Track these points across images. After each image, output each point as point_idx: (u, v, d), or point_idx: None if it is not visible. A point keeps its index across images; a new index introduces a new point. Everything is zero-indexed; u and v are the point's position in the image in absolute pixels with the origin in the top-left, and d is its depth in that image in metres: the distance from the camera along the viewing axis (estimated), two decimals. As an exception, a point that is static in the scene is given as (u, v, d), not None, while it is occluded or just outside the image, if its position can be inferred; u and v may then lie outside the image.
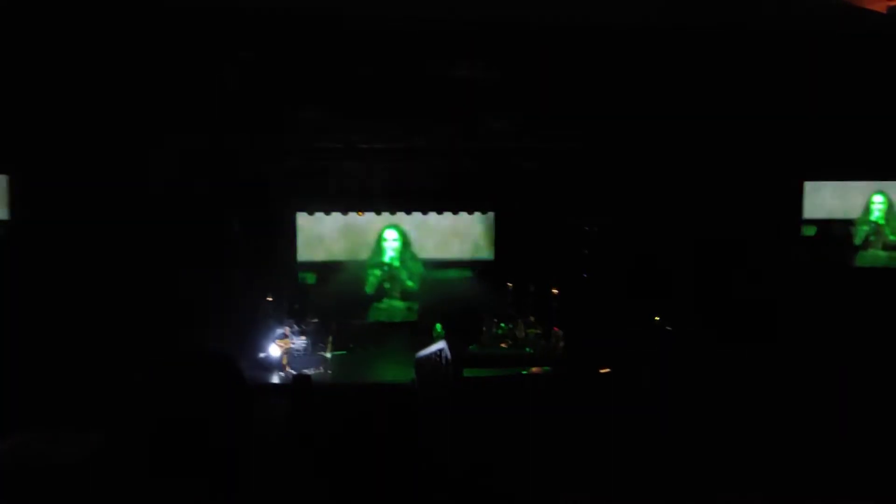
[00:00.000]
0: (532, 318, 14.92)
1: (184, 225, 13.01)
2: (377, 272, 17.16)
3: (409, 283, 16.81)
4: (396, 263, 16.92)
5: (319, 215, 15.78)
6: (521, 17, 11.16)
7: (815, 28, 11.00)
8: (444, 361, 9.53)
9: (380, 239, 17.20)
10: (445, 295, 16.46)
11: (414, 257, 16.95)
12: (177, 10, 10.40)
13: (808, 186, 14.72)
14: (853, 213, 14.85)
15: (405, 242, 16.82)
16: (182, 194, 13.04)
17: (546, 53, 12.13)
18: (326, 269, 16.01)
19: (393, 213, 16.08)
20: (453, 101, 12.68)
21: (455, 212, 16.47)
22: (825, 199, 14.90)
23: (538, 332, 14.52)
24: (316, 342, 14.23)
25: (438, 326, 15.54)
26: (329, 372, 13.28)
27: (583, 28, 11.49)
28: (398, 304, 16.72)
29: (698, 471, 6.67)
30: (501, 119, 13.66)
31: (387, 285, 16.63)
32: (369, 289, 16.69)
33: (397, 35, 11.47)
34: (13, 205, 12.96)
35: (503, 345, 14.90)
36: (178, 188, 13.02)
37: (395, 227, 16.98)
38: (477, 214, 16.48)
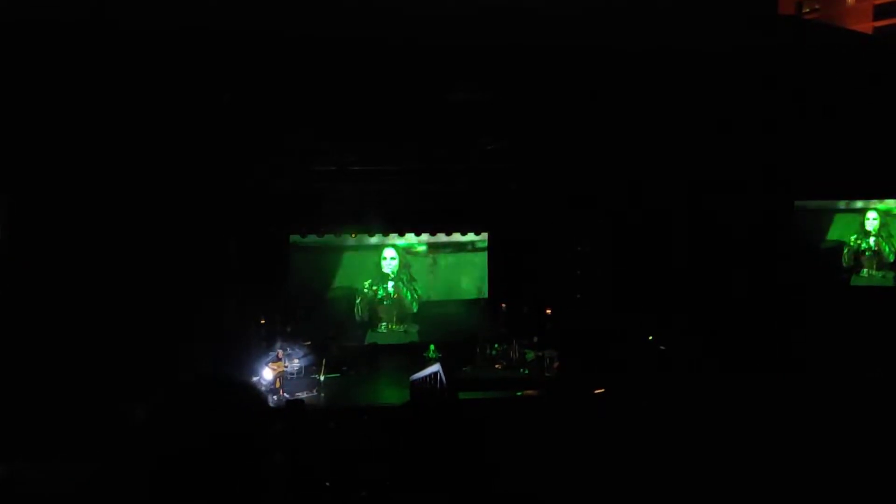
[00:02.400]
0: (536, 339, 14.93)
1: (177, 249, 12.95)
2: (379, 291, 17.25)
3: (415, 306, 16.83)
4: (401, 286, 16.96)
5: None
6: (512, 40, 11.25)
7: (802, 48, 11.13)
8: (438, 384, 9.48)
9: (379, 258, 17.36)
10: (442, 317, 16.52)
11: (412, 278, 17.01)
12: (170, 32, 10.43)
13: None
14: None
15: (402, 262, 16.91)
16: (175, 218, 13.00)
17: (537, 76, 12.21)
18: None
19: (386, 234, 16.12)
20: (445, 124, 12.73)
21: (448, 233, 16.54)
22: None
23: (538, 354, 14.49)
24: (309, 365, 14.20)
25: (432, 349, 15.56)
26: (322, 395, 13.23)
27: (575, 50, 11.58)
28: (395, 327, 16.74)
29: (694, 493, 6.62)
30: (493, 141, 13.72)
31: (378, 314, 16.63)
32: (360, 311, 16.72)
33: (390, 59, 11.54)
34: (7, 226, 12.90)
35: (497, 366, 14.91)
36: (170, 212, 12.97)
37: (394, 245, 17.08)
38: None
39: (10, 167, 12.37)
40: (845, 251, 14.99)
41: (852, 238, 15.06)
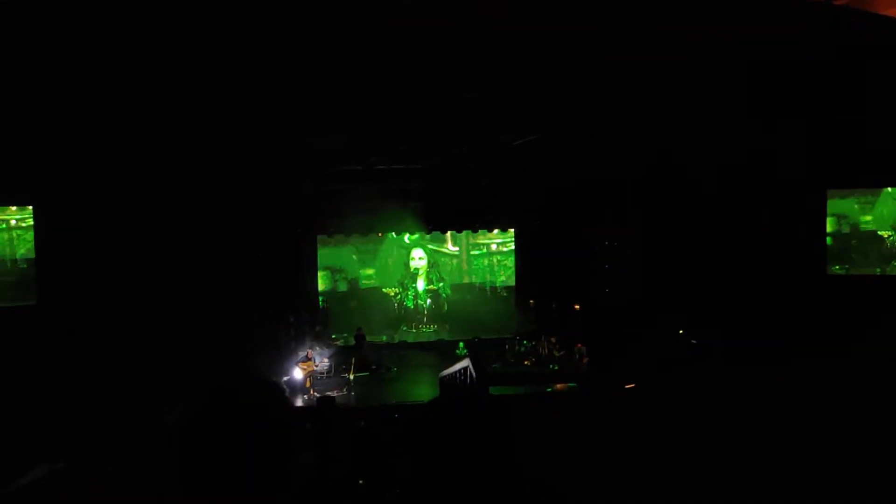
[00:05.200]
0: (553, 339, 14.88)
1: (205, 252, 13.08)
2: (408, 294, 17.33)
3: (445, 307, 16.89)
4: (425, 283, 17.07)
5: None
6: (533, 34, 11.16)
7: (833, 35, 10.91)
8: (468, 380, 9.49)
9: (407, 257, 17.45)
10: (471, 314, 16.55)
11: (441, 278, 17.07)
12: (192, 34, 10.49)
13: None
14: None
15: (431, 262, 16.99)
16: (202, 221, 13.12)
17: (561, 69, 12.12)
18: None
19: (413, 233, 16.19)
20: (469, 121, 12.71)
21: (475, 230, 16.56)
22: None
23: (562, 352, 14.48)
24: (338, 364, 14.28)
25: (461, 346, 15.58)
26: (352, 394, 13.29)
27: (595, 43, 11.47)
28: (425, 328, 16.84)
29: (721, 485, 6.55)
30: (518, 136, 13.67)
31: (408, 314, 16.74)
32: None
33: (412, 57, 11.53)
34: (38, 235, 13.16)
35: (526, 362, 14.87)
36: (198, 215, 13.10)
37: (422, 246, 17.18)
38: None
39: (45, 176, 12.58)
40: (885, 239, 14.63)
41: (889, 227, 14.70)
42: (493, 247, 17.15)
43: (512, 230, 16.67)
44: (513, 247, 16.85)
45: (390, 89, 11.64)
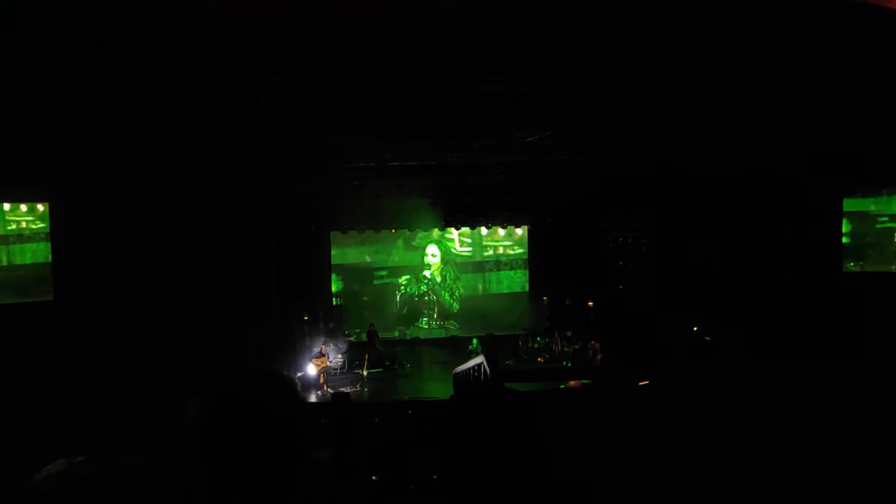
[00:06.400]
0: (569, 333, 14.87)
1: (218, 247, 13.13)
2: (421, 286, 17.31)
3: (455, 306, 16.86)
4: (437, 279, 17.02)
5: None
6: (549, 30, 11.09)
7: (843, 33, 10.79)
8: (482, 376, 9.48)
9: (422, 255, 17.42)
10: (484, 311, 16.54)
11: (455, 276, 17.05)
12: (206, 35, 10.51)
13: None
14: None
15: (445, 260, 16.97)
16: (215, 215, 13.17)
17: (574, 66, 12.05)
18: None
19: (426, 229, 16.18)
20: (483, 117, 12.66)
21: (488, 226, 16.53)
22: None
23: (576, 346, 14.47)
24: (352, 360, 14.32)
25: (475, 342, 15.59)
26: (365, 390, 13.34)
27: (613, 39, 11.38)
28: (435, 324, 16.86)
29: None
30: (532, 133, 13.60)
31: (419, 310, 16.73)
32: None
33: (426, 54, 11.50)
34: (54, 231, 13.26)
35: (540, 359, 14.87)
36: (212, 209, 13.16)
37: (437, 243, 17.16)
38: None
39: (61, 174, 12.67)
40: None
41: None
42: (505, 246, 17.14)
43: (526, 226, 16.64)
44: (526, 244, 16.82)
45: (404, 85, 11.62)
